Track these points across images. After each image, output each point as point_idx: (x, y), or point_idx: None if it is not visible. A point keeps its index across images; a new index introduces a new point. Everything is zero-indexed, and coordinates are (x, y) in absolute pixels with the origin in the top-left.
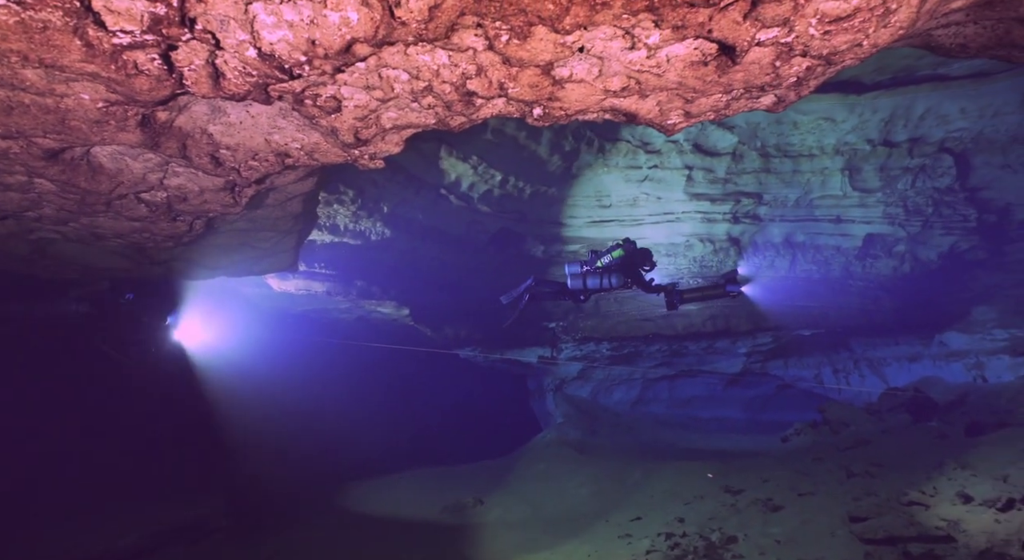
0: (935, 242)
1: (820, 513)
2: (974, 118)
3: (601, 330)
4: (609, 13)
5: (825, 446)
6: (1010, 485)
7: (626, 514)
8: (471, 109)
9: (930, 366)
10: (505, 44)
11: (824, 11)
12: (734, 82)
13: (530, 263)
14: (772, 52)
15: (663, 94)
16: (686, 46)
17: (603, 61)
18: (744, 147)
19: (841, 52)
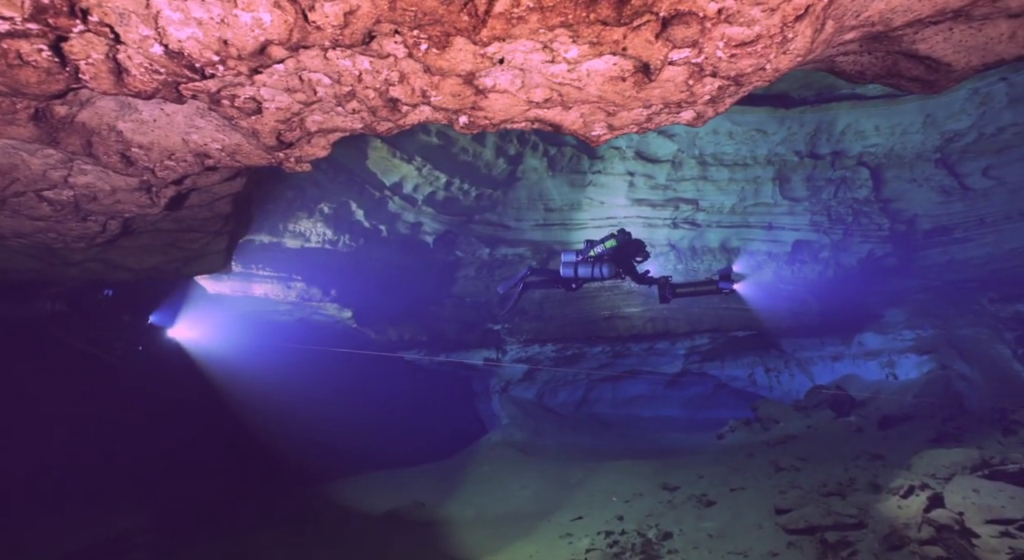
0: (855, 249)
1: (750, 506)
2: (886, 135)
3: (545, 332)
4: (526, 27)
5: (757, 442)
6: (912, 473)
7: (568, 514)
8: (397, 115)
9: (850, 365)
10: (424, 53)
11: (730, 35)
12: (652, 98)
13: (475, 265)
14: (685, 71)
15: (586, 107)
16: (605, 62)
17: (525, 73)
18: (683, 155)
19: (747, 74)
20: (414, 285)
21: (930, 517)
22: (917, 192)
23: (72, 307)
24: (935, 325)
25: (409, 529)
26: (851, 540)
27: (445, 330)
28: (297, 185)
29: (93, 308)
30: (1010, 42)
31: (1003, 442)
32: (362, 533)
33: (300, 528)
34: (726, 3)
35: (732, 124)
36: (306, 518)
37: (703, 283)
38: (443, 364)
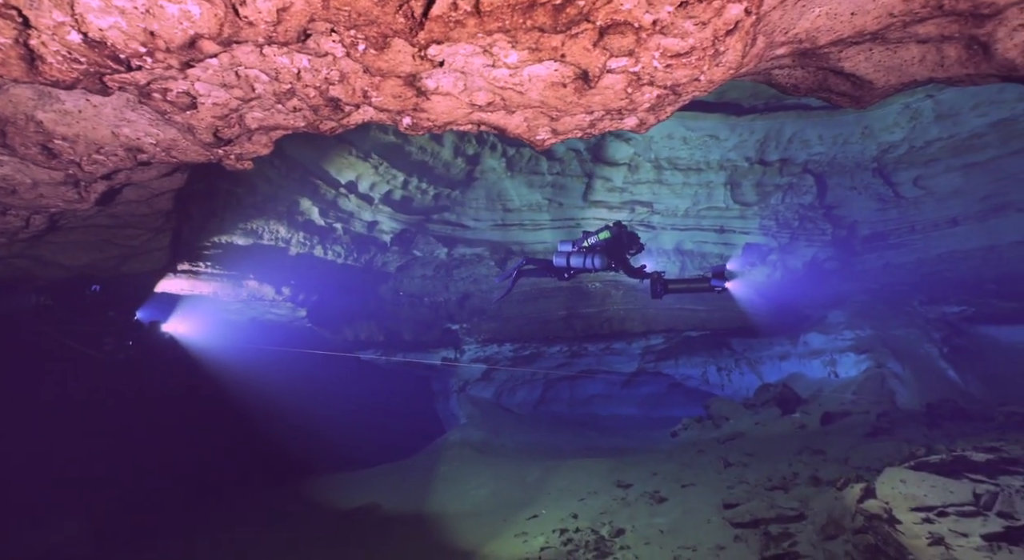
0: (800, 252)
1: (699, 502)
2: (829, 144)
3: (503, 332)
4: (464, 31)
5: (708, 439)
6: (849, 466)
7: (524, 513)
8: (340, 114)
9: (796, 364)
10: (363, 53)
11: (666, 46)
12: (593, 104)
13: (433, 265)
14: (624, 79)
15: (529, 111)
16: (546, 67)
17: (467, 76)
18: (640, 158)
19: (684, 84)
20: (370, 284)
21: (862, 507)
22: (857, 199)
23: (57, 301)
24: (872, 326)
25: (365, 531)
26: (792, 532)
27: (402, 330)
28: (248, 181)
29: (78, 303)
30: (921, 65)
31: (928, 435)
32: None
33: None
34: (660, 15)
35: (686, 130)
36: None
37: (696, 280)
38: (401, 364)
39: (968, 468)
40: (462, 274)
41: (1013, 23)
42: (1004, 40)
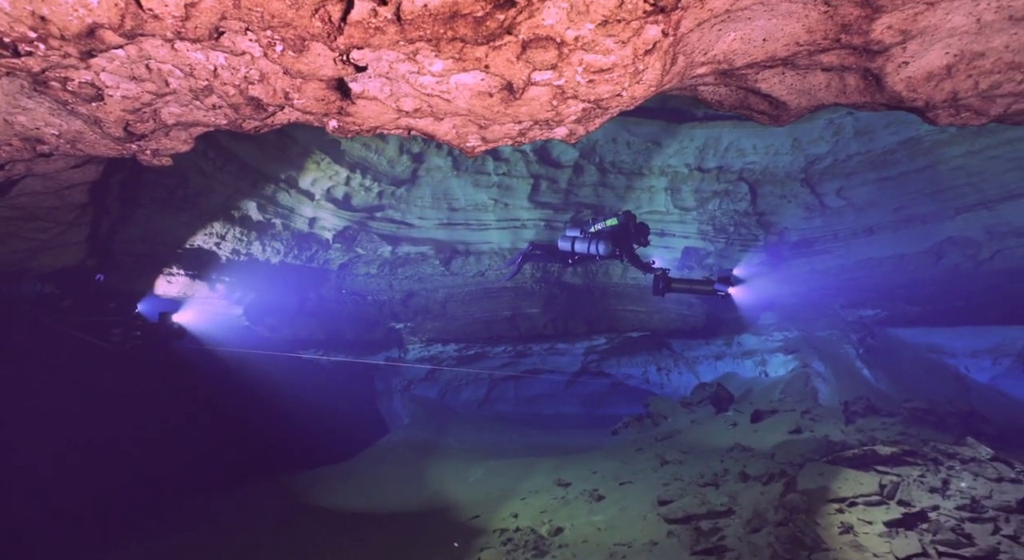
0: (735, 257)
1: (636, 499)
2: (762, 154)
3: (448, 332)
4: (385, 38)
5: (647, 437)
6: (775, 461)
7: (465, 513)
8: (263, 114)
9: (731, 363)
10: (281, 55)
11: (588, 62)
12: (520, 115)
13: (377, 263)
14: (549, 92)
15: (457, 119)
16: (473, 77)
17: (393, 82)
18: (585, 161)
19: (607, 99)
20: (311, 282)
21: (785, 501)
22: (787, 208)
23: (61, 290)
24: (799, 327)
25: (302, 536)
26: (720, 526)
27: (345, 328)
28: (179, 173)
29: (83, 292)
30: (827, 90)
31: (844, 430)
32: (249, 545)
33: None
34: (581, 32)
35: (630, 135)
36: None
37: (700, 282)
38: (343, 363)
39: (876, 461)
40: (407, 273)
41: (898, 60)
42: (892, 74)
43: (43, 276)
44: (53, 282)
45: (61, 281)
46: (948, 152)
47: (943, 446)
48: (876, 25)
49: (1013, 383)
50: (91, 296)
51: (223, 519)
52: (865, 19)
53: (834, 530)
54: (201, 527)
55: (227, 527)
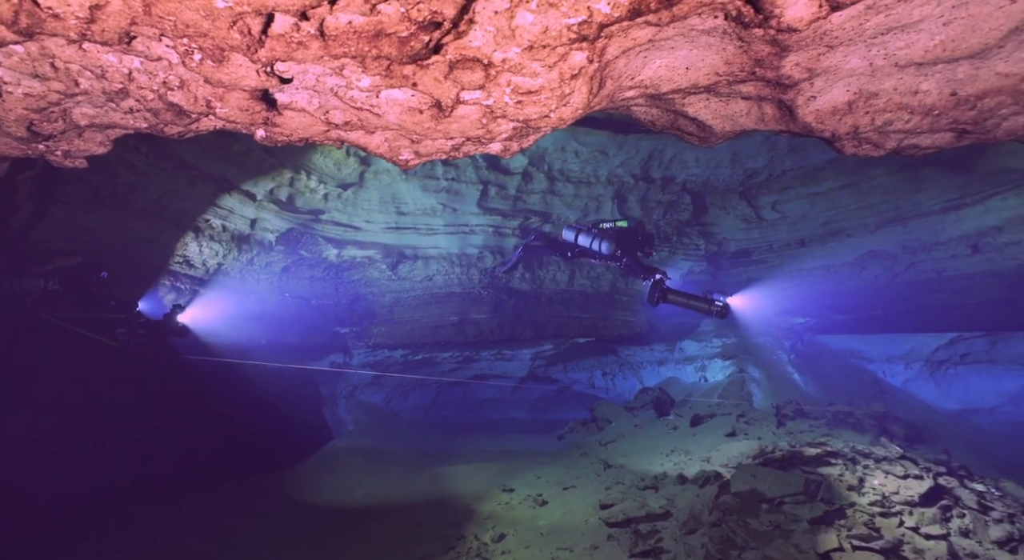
0: (679, 265)
1: (579, 504)
2: (704, 167)
3: (394, 337)
4: (309, 53)
5: (591, 442)
6: (711, 464)
7: (408, 520)
8: (186, 120)
9: (673, 369)
10: (199, 63)
11: (516, 84)
12: (452, 131)
13: (323, 267)
14: (478, 111)
15: (389, 133)
16: (403, 93)
17: (321, 95)
18: (534, 169)
19: (535, 120)
20: (252, 284)
21: (718, 502)
22: (726, 219)
23: (65, 287)
24: (736, 334)
25: (238, 553)
26: (658, 529)
27: (288, 333)
28: (107, 169)
29: (86, 289)
30: (747, 117)
31: (776, 433)
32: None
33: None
34: (508, 55)
35: (578, 144)
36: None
37: (698, 298)
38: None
39: (802, 461)
40: (353, 276)
41: (807, 94)
42: (802, 107)
43: (47, 273)
44: (58, 279)
45: (65, 278)
46: (869, 172)
47: (860, 446)
48: (785, 62)
49: (921, 386)
50: (93, 294)
51: (149, 533)
52: (775, 56)
53: (765, 528)
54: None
55: (155, 544)
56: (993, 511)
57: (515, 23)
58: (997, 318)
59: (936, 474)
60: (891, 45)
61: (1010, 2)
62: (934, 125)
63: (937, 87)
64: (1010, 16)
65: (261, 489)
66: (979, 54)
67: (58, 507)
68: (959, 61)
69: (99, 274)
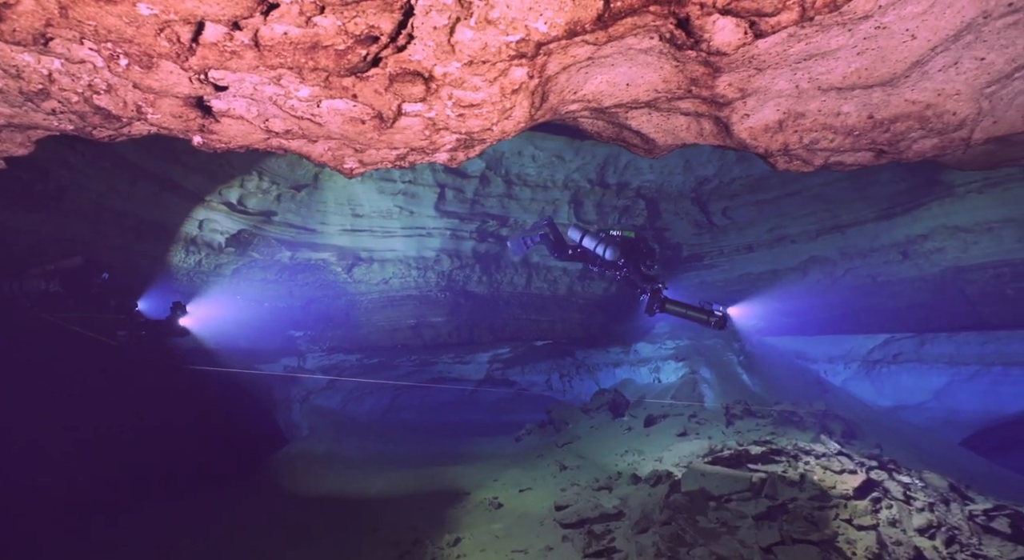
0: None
1: (534, 505)
2: (658, 173)
3: (350, 340)
4: (244, 62)
5: (548, 443)
6: (663, 464)
7: (364, 525)
8: (117, 124)
9: (628, 370)
10: (126, 69)
11: (458, 97)
12: (395, 142)
13: (276, 269)
14: (421, 123)
15: (332, 142)
16: (345, 103)
17: (259, 103)
18: (491, 173)
19: (478, 132)
20: (199, 287)
21: (669, 501)
22: (679, 224)
23: (66, 288)
24: (689, 336)
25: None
26: (611, 529)
27: (239, 336)
28: (39, 166)
29: (87, 290)
30: (688, 132)
31: (725, 432)
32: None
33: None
34: (449, 69)
35: (535, 148)
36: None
37: (696, 309)
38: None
39: (748, 459)
40: (307, 279)
41: (741, 112)
42: (737, 124)
43: (48, 274)
44: (58, 280)
45: (66, 280)
46: (810, 181)
47: (802, 444)
48: (719, 82)
49: (858, 384)
50: (93, 295)
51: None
52: (709, 76)
53: (713, 525)
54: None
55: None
56: (916, 501)
57: (455, 39)
58: (925, 320)
59: (868, 468)
60: (814, 70)
61: (911, 38)
62: (855, 144)
63: (856, 110)
64: (912, 50)
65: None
66: (889, 82)
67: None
68: (873, 87)
69: (100, 275)
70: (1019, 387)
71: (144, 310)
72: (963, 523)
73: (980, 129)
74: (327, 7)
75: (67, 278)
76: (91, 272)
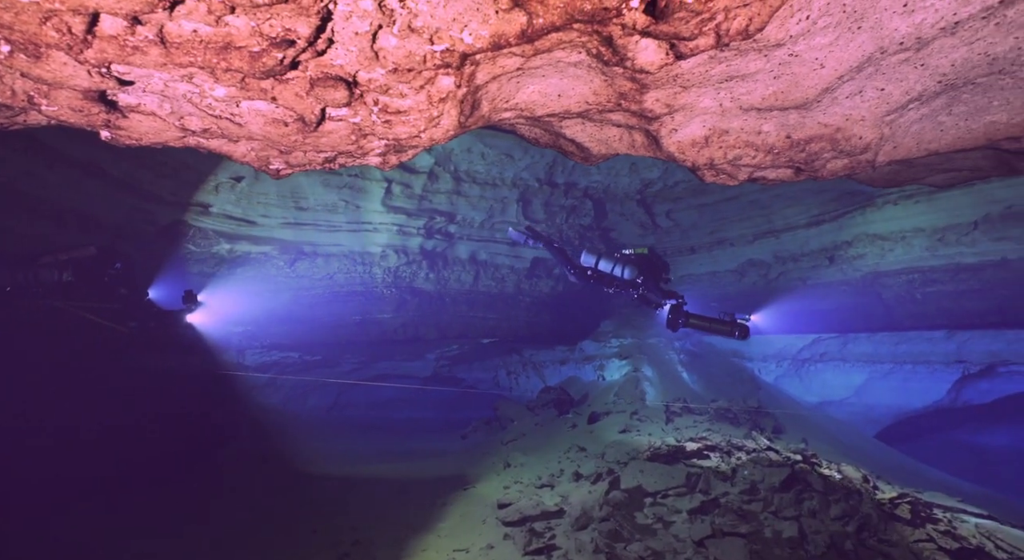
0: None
1: (477, 505)
2: (605, 174)
3: (293, 336)
4: (148, 59)
5: (494, 441)
6: (604, 461)
7: (304, 527)
8: (7, 112)
9: (574, 368)
10: (10, 56)
11: (384, 104)
12: (322, 145)
13: (213, 262)
14: (346, 127)
15: (255, 142)
16: (268, 104)
17: (172, 101)
18: (440, 169)
19: (406, 139)
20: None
21: (608, 498)
22: (625, 225)
23: (78, 278)
24: (633, 335)
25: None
26: (552, 526)
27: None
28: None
29: (99, 280)
30: (620, 142)
31: (664, 429)
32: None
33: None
34: (373, 75)
35: (484, 146)
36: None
37: (719, 321)
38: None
39: (685, 456)
40: (247, 273)
41: (669, 127)
42: (666, 138)
43: (61, 264)
44: (72, 269)
45: (79, 269)
46: (747, 187)
47: (735, 440)
48: (647, 97)
49: (789, 381)
50: (106, 284)
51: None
52: (637, 91)
53: (649, 521)
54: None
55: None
56: (834, 493)
57: (378, 45)
58: (848, 321)
59: (793, 463)
60: (735, 90)
61: (821, 66)
62: (775, 162)
63: (775, 129)
64: (822, 78)
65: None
66: (803, 105)
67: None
68: (789, 110)
69: (113, 265)
70: (926, 383)
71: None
72: (872, 511)
73: (883, 153)
74: (237, 7)
75: (80, 268)
76: (104, 262)
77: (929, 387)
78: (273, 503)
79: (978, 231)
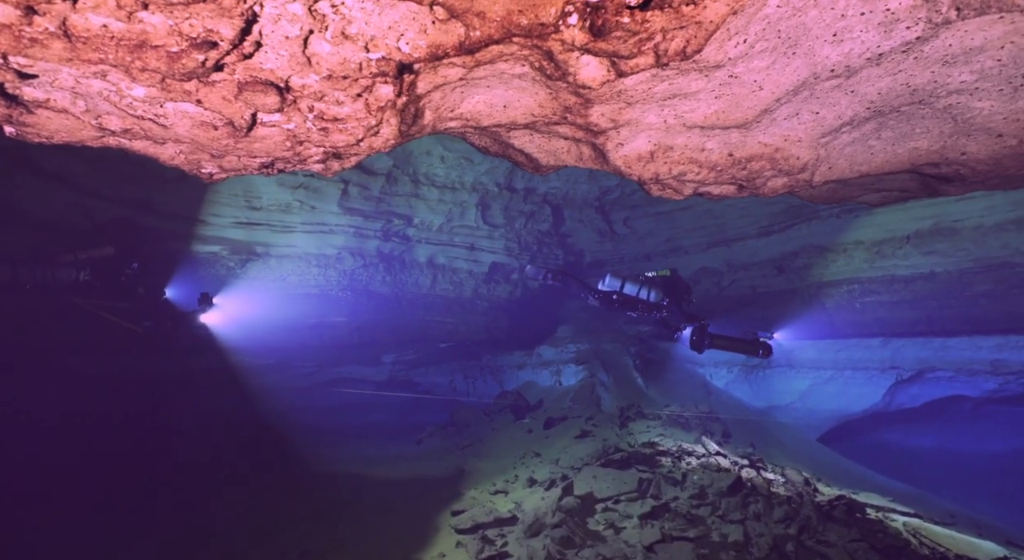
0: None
1: (430, 511)
2: (564, 181)
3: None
4: (51, 53)
5: (449, 446)
6: (559, 466)
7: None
8: None
9: (531, 373)
10: None
11: (320, 111)
12: (256, 150)
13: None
14: (281, 134)
15: (183, 145)
16: (194, 107)
17: (86, 98)
18: (398, 171)
19: (345, 147)
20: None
21: (561, 504)
22: (583, 231)
23: (96, 278)
24: (589, 340)
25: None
26: (504, 533)
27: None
28: None
29: (117, 280)
30: (568, 155)
31: (619, 434)
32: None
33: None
34: (307, 81)
35: (444, 149)
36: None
37: (743, 341)
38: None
39: (637, 461)
40: (196, 274)
41: (615, 141)
42: (612, 152)
43: (79, 263)
44: (90, 269)
45: (96, 269)
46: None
47: (686, 445)
48: (592, 112)
49: (738, 387)
50: (124, 283)
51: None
52: (582, 106)
53: (601, 526)
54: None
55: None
56: (777, 496)
57: (311, 51)
58: (796, 329)
59: (740, 467)
60: (679, 108)
61: (759, 88)
62: (719, 178)
63: (718, 147)
64: (760, 99)
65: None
66: (744, 125)
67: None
68: (731, 129)
69: (131, 265)
70: (864, 388)
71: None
72: (812, 513)
73: (819, 173)
74: (151, 4)
75: (98, 267)
76: (122, 262)
77: (867, 392)
78: (216, 512)
79: (910, 245)
